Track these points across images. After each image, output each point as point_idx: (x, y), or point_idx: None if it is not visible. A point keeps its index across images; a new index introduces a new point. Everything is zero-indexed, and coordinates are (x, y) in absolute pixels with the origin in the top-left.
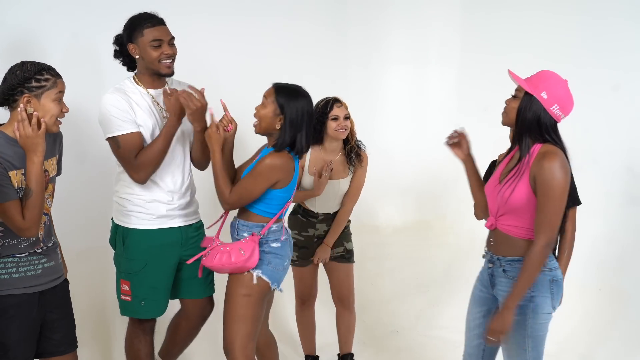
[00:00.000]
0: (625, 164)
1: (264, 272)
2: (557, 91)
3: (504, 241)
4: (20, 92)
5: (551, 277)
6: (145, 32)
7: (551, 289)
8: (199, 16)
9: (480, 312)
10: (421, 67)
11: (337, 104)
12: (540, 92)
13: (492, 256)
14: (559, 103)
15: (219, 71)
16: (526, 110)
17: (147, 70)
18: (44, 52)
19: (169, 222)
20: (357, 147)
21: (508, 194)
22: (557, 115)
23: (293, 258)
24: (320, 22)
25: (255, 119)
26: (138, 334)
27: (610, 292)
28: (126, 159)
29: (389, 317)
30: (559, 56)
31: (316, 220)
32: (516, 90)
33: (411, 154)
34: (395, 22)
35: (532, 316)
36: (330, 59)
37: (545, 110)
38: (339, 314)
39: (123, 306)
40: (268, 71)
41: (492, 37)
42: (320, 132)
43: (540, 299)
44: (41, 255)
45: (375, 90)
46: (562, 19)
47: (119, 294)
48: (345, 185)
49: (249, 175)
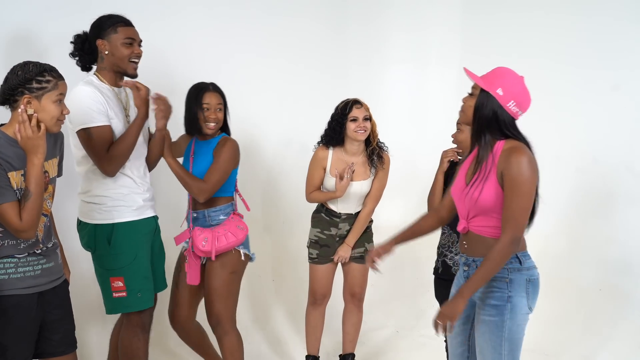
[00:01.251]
0: (625, 164)
1: (246, 247)
2: (513, 88)
3: (477, 242)
4: (20, 93)
5: (528, 277)
6: (119, 29)
7: (527, 288)
8: (199, 16)
9: (460, 319)
10: (421, 68)
11: (357, 105)
12: (495, 88)
13: (467, 258)
14: (515, 99)
15: (218, 71)
16: (483, 108)
17: (113, 67)
18: (44, 52)
19: (146, 212)
20: (379, 148)
21: (477, 195)
22: (514, 112)
23: (313, 256)
24: (320, 22)
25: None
26: (137, 332)
27: (610, 292)
28: (98, 152)
29: (389, 317)
30: (559, 56)
31: (339, 219)
32: (472, 87)
33: (411, 154)
34: (396, 22)
35: (510, 317)
36: (330, 59)
37: (502, 107)
38: (347, 310)
39: (117, 304)
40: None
41: (492, 37)
42: (340, 134)
43: (517, 299)
44: (40, 256)
45: (375, 90)
46: (562, 19)
47: (109, 294)
48: (366, 186)
49: (221, 162)
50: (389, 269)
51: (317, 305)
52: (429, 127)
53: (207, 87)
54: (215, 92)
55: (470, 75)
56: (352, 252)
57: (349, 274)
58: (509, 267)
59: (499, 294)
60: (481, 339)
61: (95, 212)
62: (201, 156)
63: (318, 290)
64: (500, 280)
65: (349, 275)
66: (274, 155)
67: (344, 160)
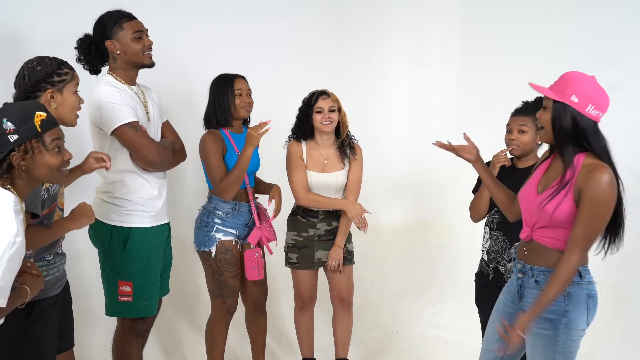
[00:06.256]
0: (625, 164)
1: None
2: (587, 90)
3: (539, 252)
4: (43, 88)
5: (588, 292)
6: (124, 26)
7: (587, 304)
8: (199, 16)
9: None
10: (421, 67)
11: (323, 96)
12: (569, 96)
13: (524, 265)
14: (592, 102)
15: (218, 71)
16: (560, 120)
17: (128, 65)
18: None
19: (162, 219)
20: (349, 139)
21: (552, 208)
22: (595, 116)
23: (292, 260)
24: (320, 22)
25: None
26: (130, 337)
27: (610, 292)
28: (145, 142)
29: (389, 317)
30: (559, 56)
31: (317, 219)
32: (544, 100)
33: (411, 154)
34: (396, 21)
35: (565, 332)
36: (330, 59)
37: (581, 114)
38: (337, 315)
39: (121, 307)
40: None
41: (492, 37)
42: (307, 125)
43: (575, 314)
44: (61, 255)
45: (375, 90)
46: (562, 18)
47: (114, 296)
48: (342, 177)
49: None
50: (389, 269)
51: (305, 309)
52: (429, 126)
53: (235, 75)
54: (243, 79)
55: (537, 89)
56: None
57: (333, 276)
58: None
59: (554, 308)
60: (534, 352)
61: (115, 213)
62: None
63: (304, 294)
64: None
65: (333, 279)
66: (274, 155)
67: (317, 152)
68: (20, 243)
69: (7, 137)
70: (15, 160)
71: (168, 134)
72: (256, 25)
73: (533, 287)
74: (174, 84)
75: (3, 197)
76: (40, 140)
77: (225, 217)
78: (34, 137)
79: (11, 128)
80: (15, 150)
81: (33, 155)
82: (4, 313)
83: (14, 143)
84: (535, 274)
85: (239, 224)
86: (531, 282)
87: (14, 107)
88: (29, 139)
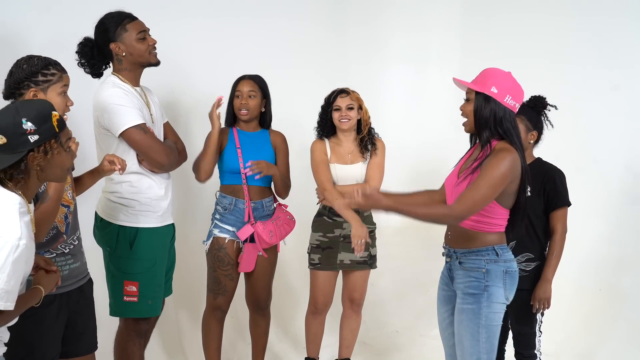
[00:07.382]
0: (625, 164)
1: None
2: (504, 83)
3: (460, 234)
4: (27, 86)
5: (505, 268)
6: (128, 27)
7: (504, 279)
8: (199, 17)
9: (447, 311)
10: (421, 68)
11: (342, 94)
12: (489, 88)
13: (449, 250)
14: (510, 93)
15: (219, 71)
16: (482, 109)
17: (134, 65)
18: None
19: (168, 219)
20: (369, 136)
21: (463, 187)
22: (512, 106)
23: (314, 261)
24: (320, 22)
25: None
26: (132, 337)
27: (610, 292)
28: (154, 144)
29: (389, 317)
30: (559, 57)
31: (343, 220)
32: (467, 93)
33: (411, 154)
34: (396, 22)
35: (487, 305)
36: (330, 59)
37: (500, 104)
38: (346, 315)
39: (126, 307)
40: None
41: (492, 38)
42: (327, 123)
43: (494, 289)
44: (68, 256)
45: (375, 90)
46: (562, 19)
47: (119, 296)
48: (362, 169)
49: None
50: (389, 269)
51: (317, 314)
52: (429, 127)
53: (242, 77)
54: (249, 79)
55: (461, 82)
56: (356, 257)
57: (349, 278)
58: (485, 258)
59: (476, 284)
60: (460, 327)
61: (122, 213)
62: (253, 148)
63: (319, 298)
64: (477, 270)
65: (349, 280)
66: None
67: (340, 147)
68: (25, 246)
69: (28, 137)
70: (34, 161)
71: (170, 134)
72: (256, 25)
73: (459, 268)
74: (175, 85)
75: (9, 200)
76: (58, 141)
77: (223, 213)
78: (53, 138)
79: (32, 128)
80: (34, 150)
81: (52, 156)
82: (15, 315)
83: (34, 143)
84: (459, 256)
85: (236, 220)
86: (456, 264)
87: (29, 106)
88: (48, 140)
